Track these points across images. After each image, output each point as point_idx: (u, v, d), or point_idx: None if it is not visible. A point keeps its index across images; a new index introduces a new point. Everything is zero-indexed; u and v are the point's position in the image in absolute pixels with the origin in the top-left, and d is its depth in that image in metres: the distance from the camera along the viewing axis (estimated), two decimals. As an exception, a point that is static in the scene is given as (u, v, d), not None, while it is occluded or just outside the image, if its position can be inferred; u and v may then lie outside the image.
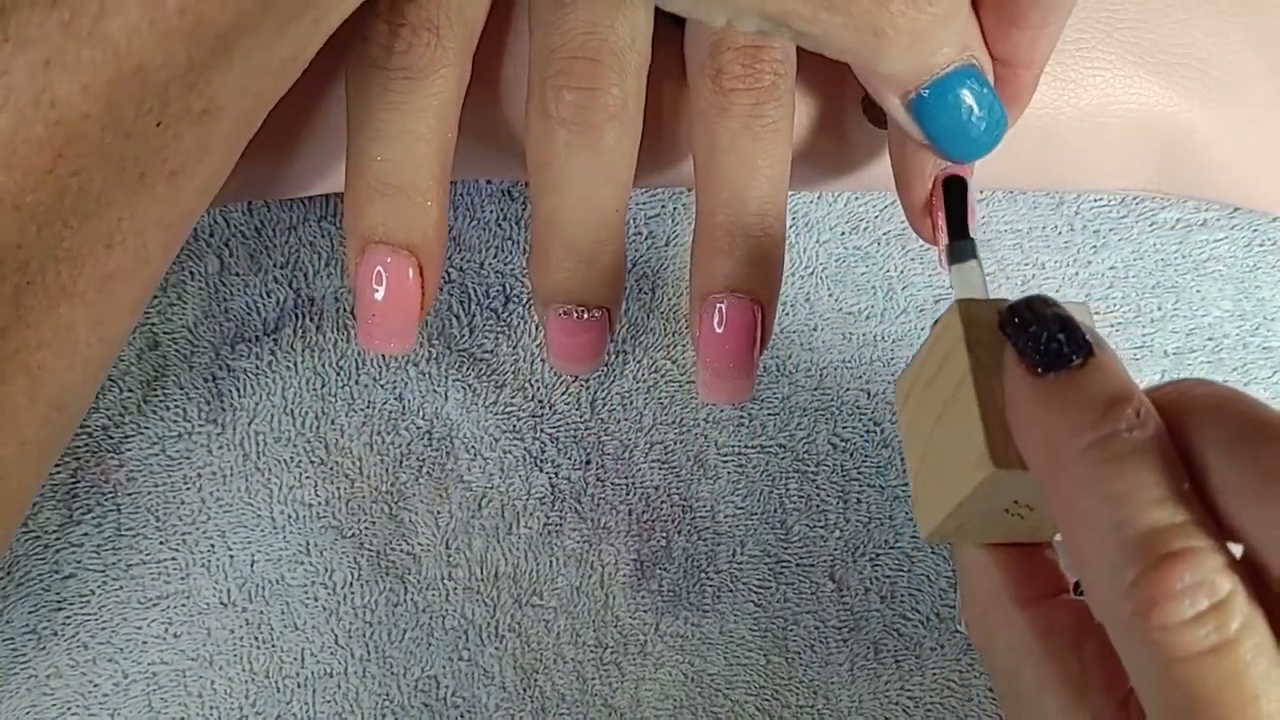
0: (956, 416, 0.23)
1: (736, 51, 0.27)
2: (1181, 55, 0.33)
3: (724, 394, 0.30)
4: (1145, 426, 0.20)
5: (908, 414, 0.25)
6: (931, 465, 0.24)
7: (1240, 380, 0.36)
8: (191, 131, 0.22)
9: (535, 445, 0.34)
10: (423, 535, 0.34)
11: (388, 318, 0.28)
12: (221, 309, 0.34)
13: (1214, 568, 0.19)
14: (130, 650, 0.33)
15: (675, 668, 0.34)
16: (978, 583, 0.24)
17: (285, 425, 0.34)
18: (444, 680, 0.34)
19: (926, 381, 0.24)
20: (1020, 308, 0.22)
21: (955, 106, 0.26)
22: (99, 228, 0.22)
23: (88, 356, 0.24)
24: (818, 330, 0.35)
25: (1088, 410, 0.20)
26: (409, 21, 0.26)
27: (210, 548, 0.33)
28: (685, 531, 0.34)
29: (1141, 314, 0.36)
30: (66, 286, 0.22)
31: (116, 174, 0.22)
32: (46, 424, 0.24)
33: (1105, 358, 0.21)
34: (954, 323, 0.23)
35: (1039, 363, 0.21)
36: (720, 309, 0.28)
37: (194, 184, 0.23)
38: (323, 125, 0.30)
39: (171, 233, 0.24)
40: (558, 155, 0.27)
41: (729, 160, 0.28)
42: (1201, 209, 0.37)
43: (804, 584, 0.35)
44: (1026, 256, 0.36)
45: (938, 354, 0.24)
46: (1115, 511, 0.19)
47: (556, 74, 0.27)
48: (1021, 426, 0.21)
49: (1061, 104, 0.33)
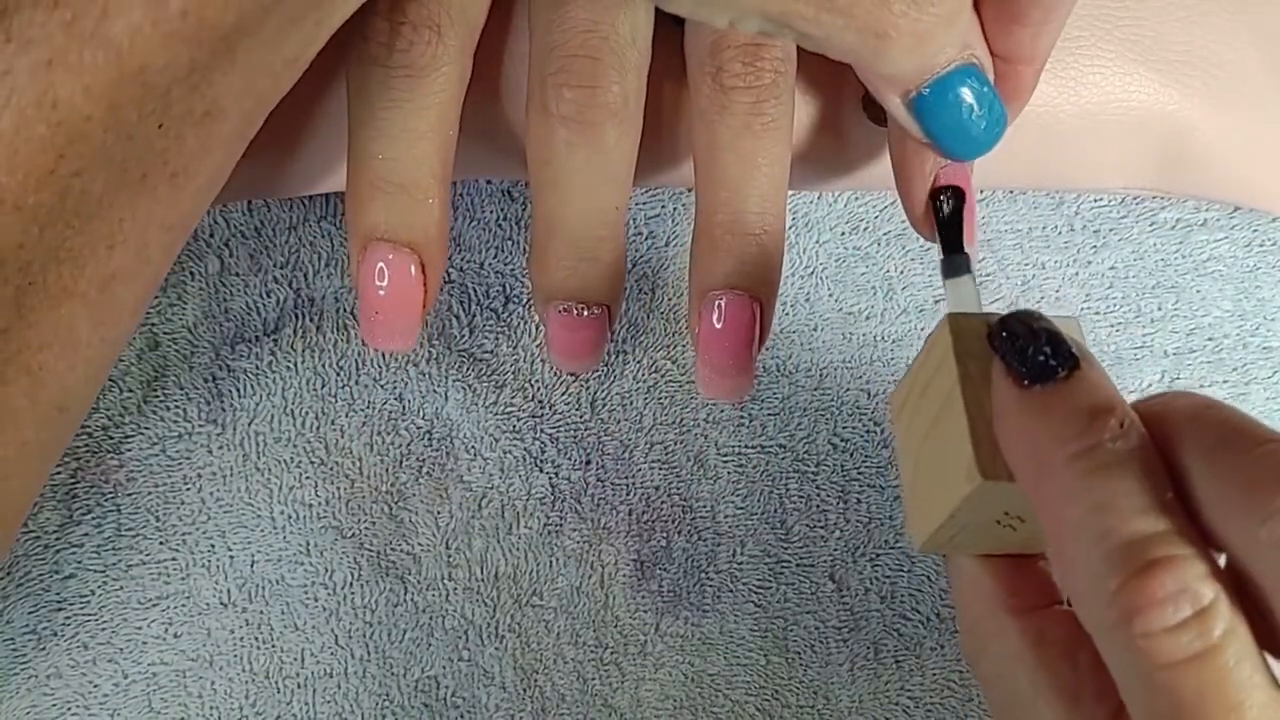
0: (946, 429, 0.23)
1: (737, 50, 0.27)
2: (1182, 53, 0.33)
3: (723, 390, 0.30)
4: (1129, 437, 0.20)
5: (901, 426, 0.25)
6: (923, 477, 0.24)
7: (1240, 380, 0.36)
8: (194, 133, 0.22)
9: (535, 445, 0.34)
10: (423, 535, 0.34)
11: (390, 316, 0.28)
12: (221, 309, 0.34)
13: (1196, 575, 0.19)
14: (130, 650, 0.33)
15: (675, 668, 0.34)
16: (970, 592, 0.24)
17: (285, 425, 0.34)
18: (444, 680, 0.34)
19: (919, 394, 0.24)
20: (1008, 321, 0.22)
21: (956, 105, 0.26)
22: (100, 228, 0.22)
23: (89, 357, 0.24)
24: (818, 330, 0.35)
25: (1072, 421, 0.21)
26: (410, 20, 0.26)
27: (210, 548, 0.33)
28: (685, 532, 0.34)
29: (1141, 314, 0.36)
30: (68, 287, 0.22)
31: (118, 175, 0.22)
32: (48, 425, 0.24)
33: (1090, 370, 0.21)
34: (944, 336, 0.23)
35: (1025, 375, 0.21)
36: (719, 305, 0.28)
37: (195, 185, 0.23)
38: (324, 124, 0.30)
39: (173, 234, 0.24)
40: (558, 153, 0.27)
41: (729, 159, 0.28)
42: (1201, 209, 0.37)
43: (804, 584, 0.35)
44: (1026, 256, 0.36)
45: (929, 367, 0.24)
46: (1099, 521, 0.20)
47: (557, 72, 0.27)
48: (1008, 438, 0.22)
49: (1061, 102, 0.33)
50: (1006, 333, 0.22)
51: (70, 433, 0.26)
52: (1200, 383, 0.36)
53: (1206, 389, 0.36)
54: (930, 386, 0.24)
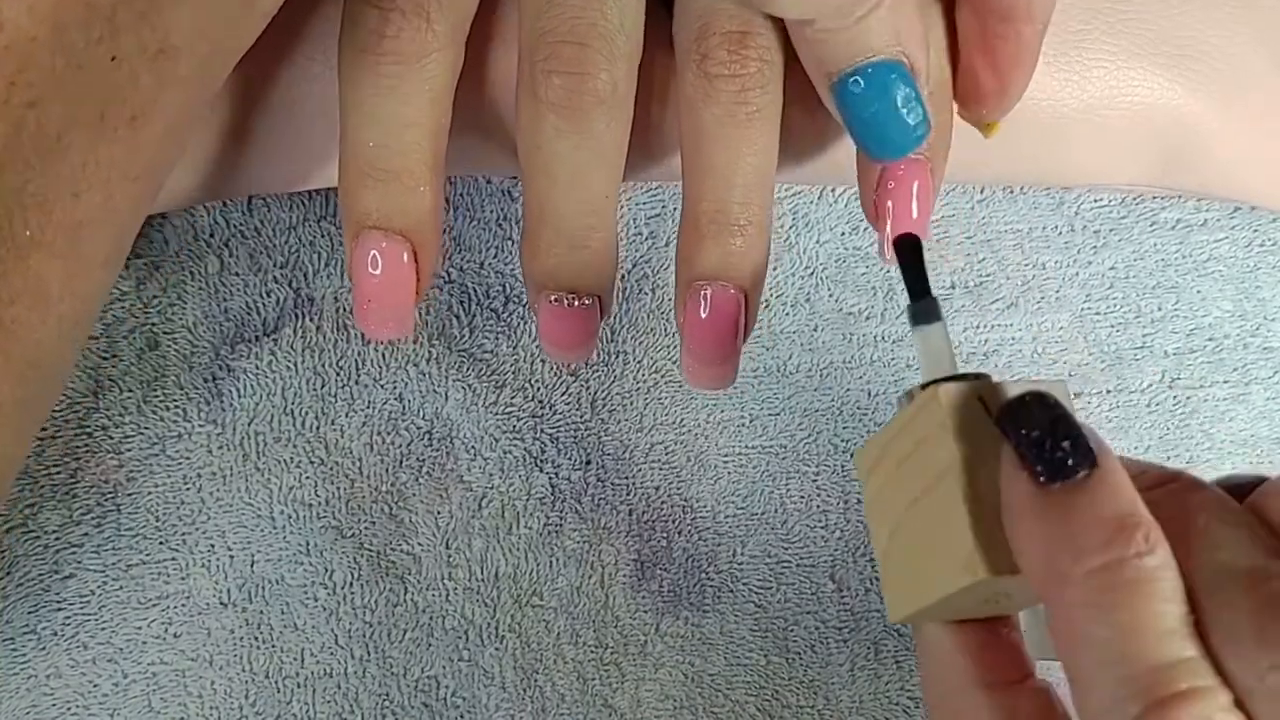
0: (938, 510, 0.22)
1: (722, 37, 0.27)
2: (1186, 49, 0.33)
3: (706, 380, 0.30)
4: (1154, 553, 0.20)
5: (873, 488, 0.24)
6: (906, 550, 0.23)
7: (1240, 380, 0.36)
8: (148, 71, 0.22)
9: (535, 445, 0.34)
10: (423, 535, 0.34)
11: (383, 303, 0.28)
12: (221, 309, 0.34)
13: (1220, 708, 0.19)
14: (130, 650, 0.33)
15: (675, 668, 0.34)
16: (941, 665, 0.23)
17: (285, 425, 0.34)
18: (444, 680, 0.34)
19: (898, 460, 0.23)
20: (1022, 409, 0.21)
21: (873, 99, 0.26)
22: (62, 170, 0.22)
23: (62, 313, 0.23)
24: (818, 330, 0.35)
25: (1094, 531, 0.20)
26: (399, 6, 0.26)
27: (210, 548, 0.33)
28: (686, 532, 0.34)
29: (1141, 314, 0.36)
30: (35, 236, 0.22)
31: (74, 110, 0.22)
32: (24, 382, 0.24)
33: (1111, 471, 0.20)
34: (934, 408, 0.22)
35: (1042, 472, 0.20)
36: (705, 295, 0.28)
37: (154, 131, 0.23)
38: (325, 117, 0.30)
39: (139, 185, 0.24)
40: (547, 140, 0.27)
41: (712, 148, 0.28)
42: (1202, 209, 0.37)
43: (804, 584, 0.34)
44: (1027, 256, 0.36)
45: (912, 435, 0.23)
46: (1122, 643, 0.19)
47: (545, 58, 0.27)
48: (1022, 538, 0.21)
49: (1064, 96, 0.32)
50: (1021, 422, 0.21)
51: (50, 395, 0.25)
52: (1200, 382, 0.36)
53: (1207, 389, 0.36)
54: (916, 456, 0.23)
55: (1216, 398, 0.36)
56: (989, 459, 0.21)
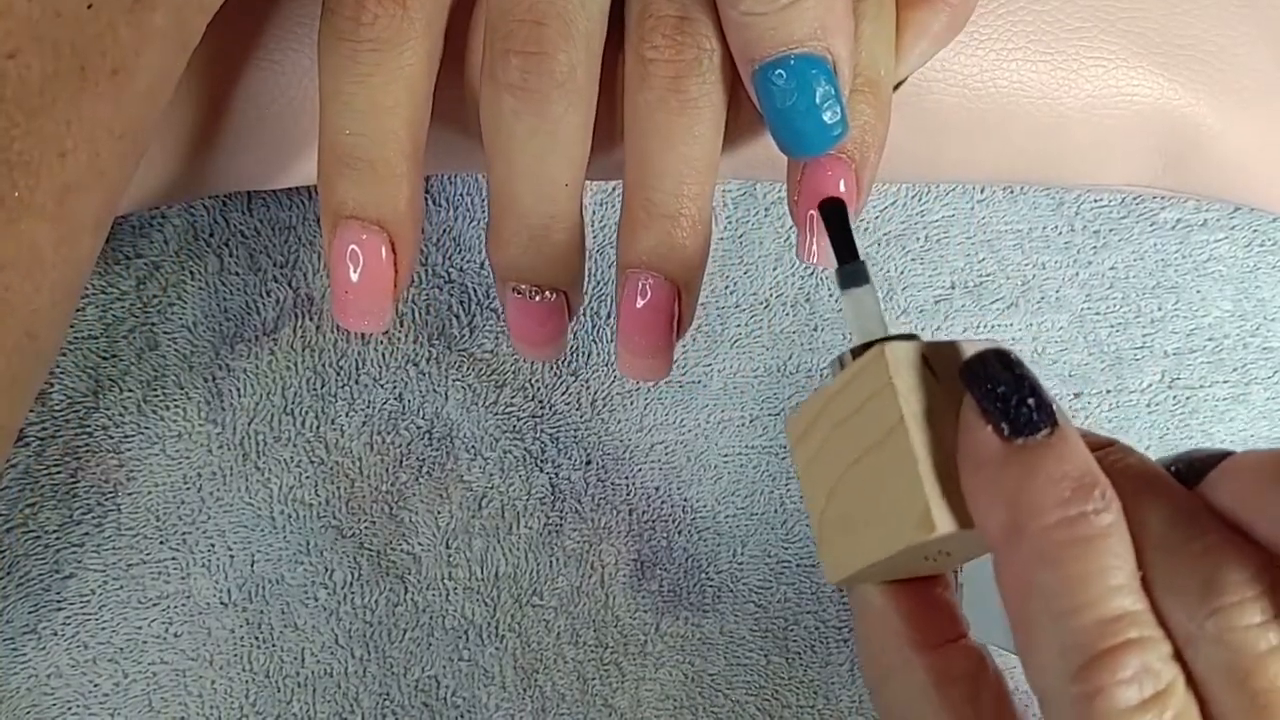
0: (883, 467, 0.22)
1: (659, 20, 0.26)
2: (1186, 47, 0.33)
3: (636, 371, 0.29)
4: (1109, 510, 0.20)
5: (808, 452, 0.24)
6: (846, 511, 0.23)
7: (1240, 380, 0.36)
8: (126, 22, 0.22)
9: (535, 445, 0.34)
10: (423, 535, 0.34)
11: (360, 295, 0.28)
12: (221, 309, 0.34)
13: (1160, 657, 0.19)
14: (130, 650, 0.33)
15: (675, 668, 0.34)
16: (874, 624, 0.24)
17: (285, 425, 0.34)
18: (444, 680, 0.34)
19: (836, 422, 0.23)
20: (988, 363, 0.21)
21: (790, 91, 0.25)
22: (47, 127, 0.22)
23: (55, 279, 0.23)
24: (818, 330, 0.35)
25: (1054, 487, 0.20)
26: None
27: (210, 548, 0.33)
28: (686, 532, 0.34)
29: (1141, 314, 0.36)
30: (24, 199, 0.22)
31: (54, 63, 0.22)
32: (18, 352, 0.24)
33: (1070, 430, 0.21)
34: (879, 366, 0.22)
35: (1007, 427, 0.21)
36: (638, 285, 0.28)
37: (136, 87, 0.23)
38: (299, 113, 0.30)
39: (124, 144, 0.24)
40: (505, 122, 0.27)
41: (646, 134, 0.27)
42: (1202, 209, 0.37)
43: (804, 584, 0.35)
44: (1026, 256, 0.36)
45: (854, 395, 0.22)
46: (1074, 594, 0.20)
47: (503, 37, 0.26)
48: (979, 491, 0.21)
49: (1062, 94, 0.32)
50: (987, 377, 0.21)
51: (44, 366, 0.25)
52: (1200, 382, 0.36)
53: (1207, 389, 0.36)
54: (858, 416, 0.22)
55: (1216, 398, 0.36)
56: (937, 416, 0.22)
